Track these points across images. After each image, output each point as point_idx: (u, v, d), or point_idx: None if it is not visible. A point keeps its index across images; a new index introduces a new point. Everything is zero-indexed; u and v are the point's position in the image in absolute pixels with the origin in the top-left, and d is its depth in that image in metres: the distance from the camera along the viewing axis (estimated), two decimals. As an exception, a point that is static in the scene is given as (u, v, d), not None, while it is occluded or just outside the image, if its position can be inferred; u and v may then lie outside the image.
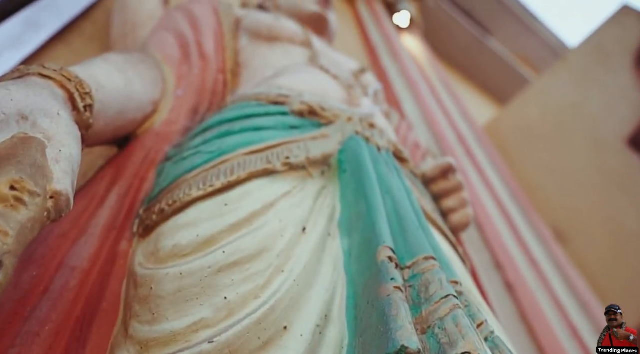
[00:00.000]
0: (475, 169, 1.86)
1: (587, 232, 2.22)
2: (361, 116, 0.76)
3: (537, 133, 2.52)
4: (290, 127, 0.68)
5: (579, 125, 2.25)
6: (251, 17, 1.03)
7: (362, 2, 2.85)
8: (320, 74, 0.86)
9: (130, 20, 0.95)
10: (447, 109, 2.22)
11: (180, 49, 0.86)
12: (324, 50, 1.06)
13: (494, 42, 3.82)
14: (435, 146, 1.86)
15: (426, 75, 2.46)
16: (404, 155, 0.80)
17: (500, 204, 1.74)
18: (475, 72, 3.85)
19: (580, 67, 2.30)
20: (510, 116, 2.73)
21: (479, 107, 3.54)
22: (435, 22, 3.39)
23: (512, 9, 3.95)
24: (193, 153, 0.62)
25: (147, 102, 0.70)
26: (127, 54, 0.72)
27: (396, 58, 2.36)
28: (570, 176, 2.33)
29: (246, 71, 0.92)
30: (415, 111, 2.02)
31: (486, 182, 1.83)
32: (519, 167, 2.55)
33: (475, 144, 2.07)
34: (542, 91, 2.51)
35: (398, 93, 2.09)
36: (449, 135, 1.97)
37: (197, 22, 0.93)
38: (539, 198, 2.39)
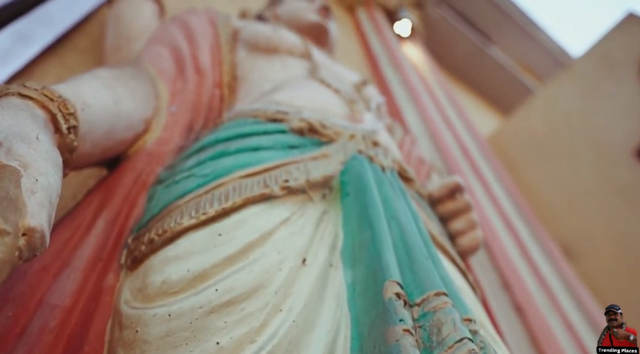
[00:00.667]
0: (481, 184, 1.83)
1: (596, 248, 2.18)
2: (364, 133, 0.73)
3: (542, 145, 2.49)
4: (289, 147, 0.65)
5: (585, 136, 2.22)
6: (249, 28, 1.00)
7: (362, 11, 2.84)
8: (320, 88, 0.84)
9: (124, 32, 0.92)
10: (450, 121, 2.19)
11: (175, 63, 0.83)
12: (324, 62, 1.03)
13: (495, 50, 3.81)
14: (439, 159, 1.83)
15: (428, 86, 2.44)
16: (409, 174, 0.76)
17: (507, 220, 1.70)
18: (476, 81, 3.83)
19: (586, 76, 2.28)
20: (514, 127, 2.70)
21: (481, 117, 3.52)
22: (437, 31, 3.38)
23: (513, 17, 3.95)
24: (186, 176, 0.58)
25: (138, 121, 0.66)
26: (118, 69, 0.69)
27: (398, 68, 2.34)
28: (577, 189, 2.29)
29: (244, 85, 0.89)
30: (418, 123, 1.99)
31: (492, 198, 1.79)
32: (524, 180, 2.51)
33: (480, 158, 2.04)
34: (547, 101, 2.48)
35: (400, 104, 2.06)
36: (453, 149, 1.94)
37: (193, 34, 0.90)
38: (545, 212, 2.35)
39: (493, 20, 3.89)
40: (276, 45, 0.94)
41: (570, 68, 2.42)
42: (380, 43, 2.56)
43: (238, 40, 0.99)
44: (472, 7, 3.72)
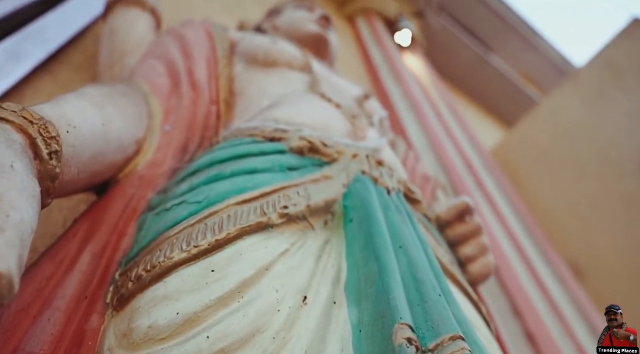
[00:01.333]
0: (487, 201, 1.79)
1: (605, 266, 2.11)
2: (367, 151, 0.69)
3: (547, 156, 2.44)
4: (288, 168, 0.61)
5: (592, 148, 2.17)
6: (247, 40, 0.97)
7: (362, 20, 2.82)
8: (321, 103, 0.80)
9: (118, 47, 0.89)
10: (453, 134, 2.15)
11: (170, 78, 0.80)
12: (324, 75, 0.99)
13: (496, 59, 3.79)
14: (443, 174, 1.79)
15: (430, 97, 2.40)
16: (415, 195, 0.72)
17: (514, 240, 1.65)
18: (477, 90, 3.81)
19: (591, 85, 2.24)
20: (518, 138, 2.66)
21: (483, 128, 3.48)
22: (437, 40, 3.36)
23: (514, 25, 3.93)
24: (177, 203, 0.55)
25: (129, 142, 0.63)
26: (108, 86, 0.66)
27: (399, 79, 2.31)
28: (584, 202, 2.24)
29: (241, 100, 0.86)
30: (420, 136, 1.96)
31: (499, 216, 1.75)
32: (529, 193, 2.46)
33: (485, 174, 2.00)
34: (551, 111, 2.44)
35: (402, 117, 2.03)
36: (457, 163, 1.90)
37: (188, 47, 0.87)
38: (551, 227, 2.28)
39: (493, 29, 3.87)
40: (275, 58, 0.91)
41: (575, 77, 2.38)
42: (381, 53, 2.54)
43: (235, 53, 0.96)
44: (472, 15, 3.71)
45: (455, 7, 3.42)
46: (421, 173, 1.14)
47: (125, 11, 0.96)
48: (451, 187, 1.78)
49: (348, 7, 2.84)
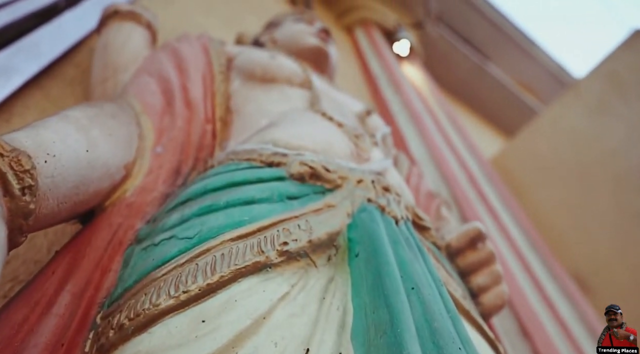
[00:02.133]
0: (490, 214, 1.73)
1: (611, 279, 2.06)
2: (373, 176, 0.64)
3: (549, 167, 2.39)
4: (288, 198, 0.55)
5: (597, 159, 2.12)
6: (244, 55, 0.92)
7: (361, 31, 2.78)
8: (322, 123, 0.75)
9: (112, 62, 0.84)
10: (454, 145, 2.10)
11: (163, 95, 0.75)
12: (325, 90, 0.94)
13: (494, 68, 3.76)
14: (445, 187, 1.74)
15: (430, 107, 2.36)
16: (424, 223, 0.67)
17: (520, 256, 1.60)
18: (475, 100, 3.77)
19: (593, 96, 2.20)
20: (519, 148, 2.61)
21: (482, 136, 3.44)
22: (435, 50, 3.32)
23: (511, 35, 3.91)
24: (167, 238, 0.49)
25: (117, 168, 0.57)
26: (95, 107, 0.60)
27: (398, 89, 2.26)
28: (590, 215, 2.18)
29: (238, 119, 0.81)
30: (421, 148, 1.91)
31: (503, 230, 1.69)
32: (531, 204, 2.40)
33: (488, 186, 1.95)
34: (553, 121, 2.40)
35: (402, 128, 1.98)
36: (458, 175, 1.85)
37: (183, 63, 0.82)
38: (554, 238, 2.23)
39: (490, 39, 3.85)
40: (273, 74, 0.86)
41: (575, 87, 2.34)
42: (380, 63, 2.49)
43: (232, 69, 0.90)
44: (469, 26, 3.68)
45: (453, 17, 3.39)
46: (425, 191, 1.09)
47: (120, 25, 0.91)
48: (453, 201, 1.73)
49: (346, 18, 2.80)
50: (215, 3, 1.76)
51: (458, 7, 3.31)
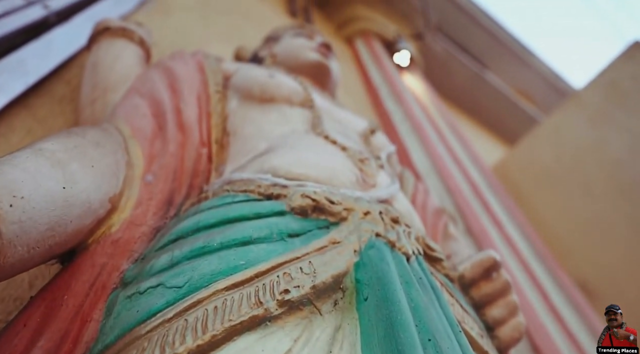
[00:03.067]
0: (495, 225, 1.67)
1: (616, 287, 2.00)
2: (381, 207, 0.58)
3: (551, 175, 2.34)
4: (289, 235, 0.50)
5: (600, 169, 2.07)
6: (242, 73, 0.86)
7: (361, 42, 2.73)
8: (325, 147, 0.69)
9: (101, 82, 0.78)
10: (457, 156, 2.05)
11: (155, 118, 0.69)
12: (327, 109, 0.89)
13: (492, 76, 3.71)
14: (448, 198, 1.68)
15: (431, 118, 2.31)
16: (436, 254, 0.61)
17: (528, 269, 1.54)
18: (475, 108, 3.73)
19: (594, 106, 2.15)
20: (520, 157, 2.57)
21: (482, 145, 3.39)
22: (434, 60, 3.28)
23: (507, 44, 3.87)
24: (154, 285, 0.43)
25: (101, 202, 0.52)
26: (76, 135, 0.55)
27: (400, 100, 2.21)
28: (593, 224, 2.13)
29: (235, 141, 0.75)
30: (424, 159, 1.85)
31: (508, 240, 1.63)
32: (533, 212, 2.36)
33: (492, 197, 1.89)
34: (554, 130, 2.35)
35: (404, 139, 1.92)
36: (462, 186, 1.79)
37: (177, 83, 0.76)
38: (557, 246, 2.19)
39: (488, 48, 3.81)
40: (272, 94, 0.80)
41: (576, 97, 2.29)
42: (381, 74, 2.45)
43: (229, 87, 0.85)
44: (467, 36, 3.64)
45: (451, 27, 3.35)
46: (432, 209, 1.03)
47: (110, 43, 0.85)
48: (458, 213, 1.67)
49: (347, 29, 2.76)
50: (214, 16, 1.71)
51: (456, 17, 3.27)
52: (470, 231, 1.58)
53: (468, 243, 1.53)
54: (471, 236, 1.57)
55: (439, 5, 3.05)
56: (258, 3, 2.24)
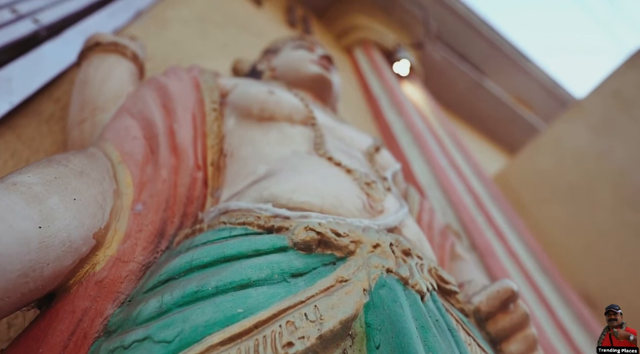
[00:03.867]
0: (499, 239, 1.62)
1: (619, 297, 1.95)
2: (391, 238, 0.53)
3: (553, 185, 2.29)
4: (292, 275, 0.44)
5: (604, 178, 2.03)
6: (239, 89, 0.81)
7: (360, 52, 2.70)
8: (329, 169, 0.64)
9: (91, 101, 0.73)
10: (458, 167, 2.00)
11: (147, 141, 0.64)
12: (329, 126, 0.84)
13: (492, 85, 3.68)
14: (452, 213, 1.63)
15: (432, 128, 2.26)
16: (451, 287, 0.56)
17: (533, 284, 1.49)
18: (474, 116, 3.70)
19: (597, 114, 2.11)
20: (522, 166, 2.52)
21: (483, 154, 3.35)
22: (434, 69, 3.25)
23: (506, 51, 3.84)
24: (140, 339, 0.38)
25: (83, 240, 0.46)
26: (58, 164, 0.50)
27: (401, 111, 2.17)
28: (596, 233, 2.08)
29: (233, 163, 0.70)
30: (426, 171, 1.80)
31: (512, 253, 1.58)
32: (535, 221, 2.31)
33: (495, 210, 1.84)
34: (556, 139, 2.31)
35: (406, 152, 1.88)
36: (466, 200, 1.74)
37: (171, 102, 0.71)
38: (559, 256, 2.14)
39: (487, 56, 3.78)
40: (272, 112, 0.75)
41: (578, 105, 2.25)
42: (380, 84, 2.41)
43: (227, 105, 0.80)
44: (466, 43, 3.61)
45: (451, 35, 3.32)
46: (439, 228, 0.98)
47: (101, 59, 0.81)
48: (461, 226, 1.62)
49: (346, 38, 2.72)
50: (211, 27, 1.67)
51: (455, 26, 3.24)
52: (475, 246, 1.53)
53: (473, 259, 1.48)
54: (475, 251, 1.52)
55: (437, 14, 3.02)
56: (256, 14, 2.20)
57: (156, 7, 1.47)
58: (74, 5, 1.15)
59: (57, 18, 1.07)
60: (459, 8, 3.23)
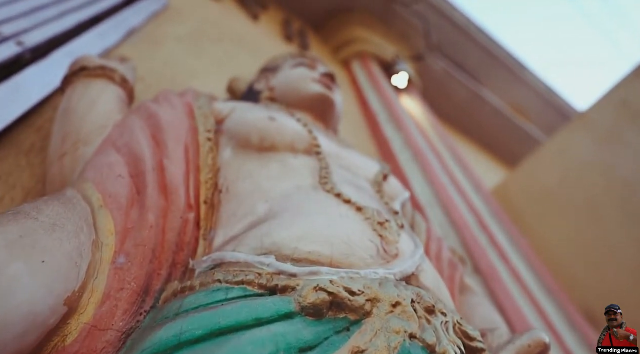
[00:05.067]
0: (503, 261, 1.55)
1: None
2: (412, 292, 0.45)
3: (556, 198, 2.23)
4: (301, 350, 0.37)
5: (609, 191, 1.96)
6: (236, 116, 0.74)
7: (358, 65, 2.64)
8: (338, 209, 0.57)
9: (73, 133, 0.66)
10: (459, 184, 1.93)
11: (133, 179, 0.57)
12: (334, 153, 0.77)
13: (491, 96, 3.64)
14: (454, 233, 1.56)
15: (432, 144, 2.20)
16: (477, 343, 0.48)
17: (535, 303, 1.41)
18: (473, 127, 3.65)
19: (602, 126, 2.05)
20: (523, 179, 2.45)
21: (482, 166, 3.29)
22: (432, 80, 3.20)
23: (504, 61, 3.81)
24: None
25: (52, 309, 0.39)
26: (27, 217, 0.42)
27: (399, 126, 2.11)
28: (601, 249, 2.01)
29: (228, 200, 0.62)
30: (427, 189, 1.73)
31: (519, 281, 1.51)
32: (536, 236, 2.24)
33: (499, 231, 1.77)
34: (559, 151, 2.24)
35: (405, 168, 1.81)
36: (468, 219, 1.67)
37: (161, 133, 0.64)
38: (561, 272, 2.07)
39: (485, 66, 3.74)
40: (273, 141, 0.68)
41: (582, 117, 2.19)
42: (379, 98, 2.35)
43: (223, 133, 0.73)
44: (465, 54, 3.57)
45: (450, 46, 3.28)
46: (447, 259, 0.91)
47: (86, 85, 0.73)
48: (463, 247, 1.55)
49: (343, 51, 2.67)
50: (206, 44, 1.61)
51: (454, 36, 3.20)
52: (478, 270, 1.46)
53: (477, 283, 1.41)
54: (479, 275, 1.45)
55: (436, 24, 2.98)
56: (252, 28, 2.15)
57: (149, 25, 1.40)
58: (62, 26, 1.08)
59: (42, 40, 1.00)
60: (457, 17, 3.19)
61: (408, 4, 2.65)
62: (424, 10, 2.78)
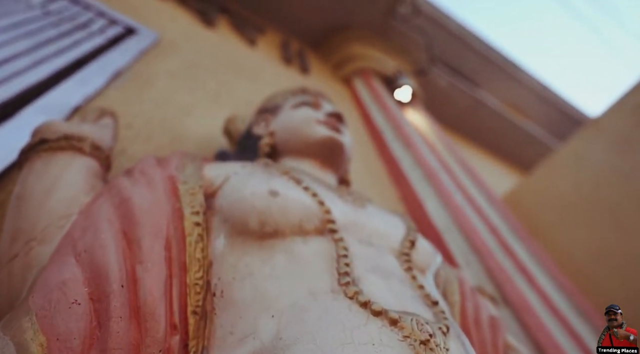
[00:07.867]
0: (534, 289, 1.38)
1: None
2: None
3: (572, 205, 2.05)
4: None
5: (627, 197, 1.79)
6: (230, 190, 0.58)
7: (359, 81, 2.47)
8: (367, 332, 0.40)
9: (26, 228, 0.50)
10: (475, 201, 1.76)
11: (94, 304, 0.41)
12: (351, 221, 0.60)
13: (494, 101, 3.46)
14: (476, 260, 1.39)
15: (442, 159, 2.03)
16: None
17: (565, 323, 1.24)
18: (478, 134, 3.47)
19: (618, 131, 1.88)
20: (536, 185, 2.28)
21: (491, 173, 3.11)
22: (435, 90, 3.03)
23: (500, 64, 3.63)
24: None
25: None
26: None
27: (407, 143, 1.94)
28: (622, 258, 1.84)
29: (224, 309, 0.46)
30: (442, 212, 1.56)
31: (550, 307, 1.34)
32: (551, 243, 2.07)
33: (524, 253, 1.60)
34: (574, 157, 2.07)
35: (417, 189, 1.64)
36: (489, 243, 1.50)
37: (135, 227, 0.48)
38: (580, 280, 1.90)
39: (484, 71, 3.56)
40: (276, 225, 0.52)
41: (596, 123, 2.02)
42: (383, 115, 2.18)
43: (214, 210, 0.57)
44: (462, 61, 3.40)
45: (450, 55, 3.11)
46: (487, 320, 0.74)
47: (46, 162, 0.57)
48: (487, 274, 1.38)
49: (344, 69, 2.50)
50: (200, 76, 1.45)
51: (453, 45, 3.03)
52: (507, 300, 1.29)
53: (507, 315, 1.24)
54: (508, 307, 1.28)
55: (435, 35, 2.81)
56: (249, 54, 1.99)
57: (138, 63, 1.25)
58: (37, 75, 0.93)
59: (13, 94, 0.85)
60: (452, 26, 3.02)
61: (407, 19, 2.49)
62: (423, 24, 2.61)
